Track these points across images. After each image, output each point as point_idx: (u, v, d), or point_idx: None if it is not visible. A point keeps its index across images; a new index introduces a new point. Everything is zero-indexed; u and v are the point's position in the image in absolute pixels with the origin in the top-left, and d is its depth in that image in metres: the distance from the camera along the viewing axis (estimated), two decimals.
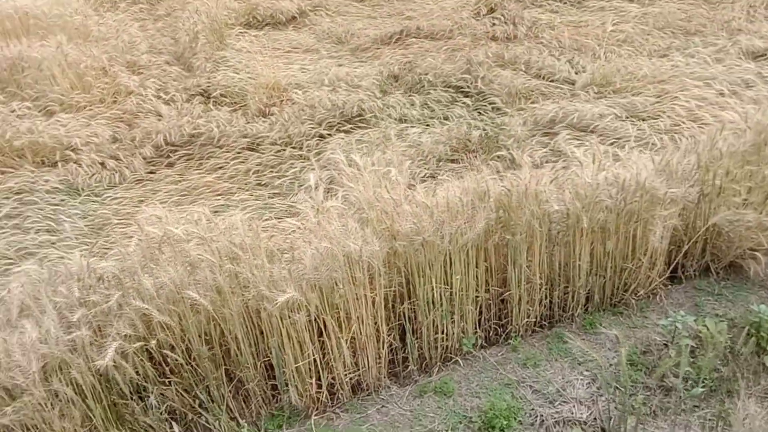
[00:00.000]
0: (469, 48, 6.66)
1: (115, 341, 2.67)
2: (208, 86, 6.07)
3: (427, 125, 5.34)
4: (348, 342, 2.96)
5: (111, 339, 2.71)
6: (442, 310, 3.12)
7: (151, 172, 5.01)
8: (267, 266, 2.83)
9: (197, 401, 2.95)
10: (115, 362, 2.67)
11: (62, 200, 4.62)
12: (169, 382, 2.94)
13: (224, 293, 2.85)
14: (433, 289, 3.08)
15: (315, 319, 2.91)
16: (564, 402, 2.95)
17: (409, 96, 5.85)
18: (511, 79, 5.89)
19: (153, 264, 2.95)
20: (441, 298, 3.10)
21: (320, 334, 2.97)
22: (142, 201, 4.67)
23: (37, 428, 2.61)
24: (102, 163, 4.95)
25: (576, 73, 6.00)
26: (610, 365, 3.12)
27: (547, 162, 4.28)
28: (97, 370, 2.69)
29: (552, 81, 5.96)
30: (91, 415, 2.75)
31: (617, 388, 2.95)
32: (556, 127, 5.03)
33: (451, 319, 3.16)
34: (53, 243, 4.12)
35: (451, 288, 3.11)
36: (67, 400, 2.67)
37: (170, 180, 4.90)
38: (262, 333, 3.01)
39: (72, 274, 2.96)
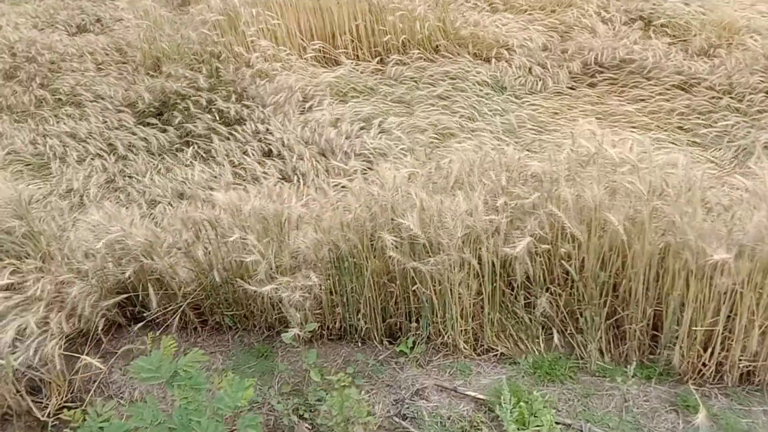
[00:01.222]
0: None
1: (526, 237, 2.82)
2: (652, 12, 5.67)
3: None
4: (761, 328, 2.62)
5: (520, 233, 2.87)
6: None
7: (571, 88, 5.01)
8: (700, 216, 2.61)
9: (573, 319, 3.00)
10: (518, 255, 2.84)
11: (487, 94, 4.95)
12: (554, 291, 3.04)
13: (641, 228, 2.74)
14: None
15: (734, 291, 2.62)
16: None
17: None
18: None
19: (577, 177, 2.97)
20: None
21: (730, 308, 2.68)
22: (556, 113, 4.75)
23: (440, 284, 2.96)
24: (529, 69, 5.11)
25: None
26: None
27: None
28: (502, 256, 2.91)
29: None
30: (482, 291, 3.01)
31: None
32: None
33: None
34: (473, 130, 4.49)
35: None
36: (469, 271, 2.95)
37: (588, 100, 4.84)
38: (657, 280, 2.86)
39: (502, 164, 3.18)
